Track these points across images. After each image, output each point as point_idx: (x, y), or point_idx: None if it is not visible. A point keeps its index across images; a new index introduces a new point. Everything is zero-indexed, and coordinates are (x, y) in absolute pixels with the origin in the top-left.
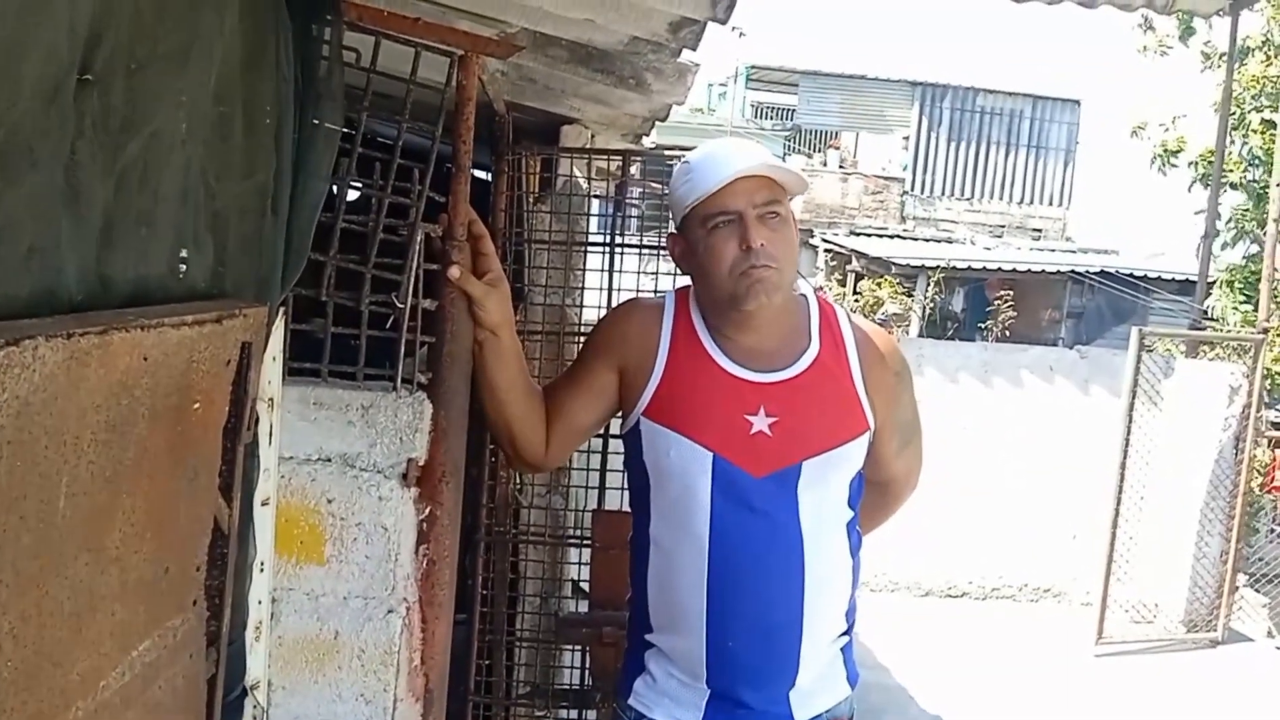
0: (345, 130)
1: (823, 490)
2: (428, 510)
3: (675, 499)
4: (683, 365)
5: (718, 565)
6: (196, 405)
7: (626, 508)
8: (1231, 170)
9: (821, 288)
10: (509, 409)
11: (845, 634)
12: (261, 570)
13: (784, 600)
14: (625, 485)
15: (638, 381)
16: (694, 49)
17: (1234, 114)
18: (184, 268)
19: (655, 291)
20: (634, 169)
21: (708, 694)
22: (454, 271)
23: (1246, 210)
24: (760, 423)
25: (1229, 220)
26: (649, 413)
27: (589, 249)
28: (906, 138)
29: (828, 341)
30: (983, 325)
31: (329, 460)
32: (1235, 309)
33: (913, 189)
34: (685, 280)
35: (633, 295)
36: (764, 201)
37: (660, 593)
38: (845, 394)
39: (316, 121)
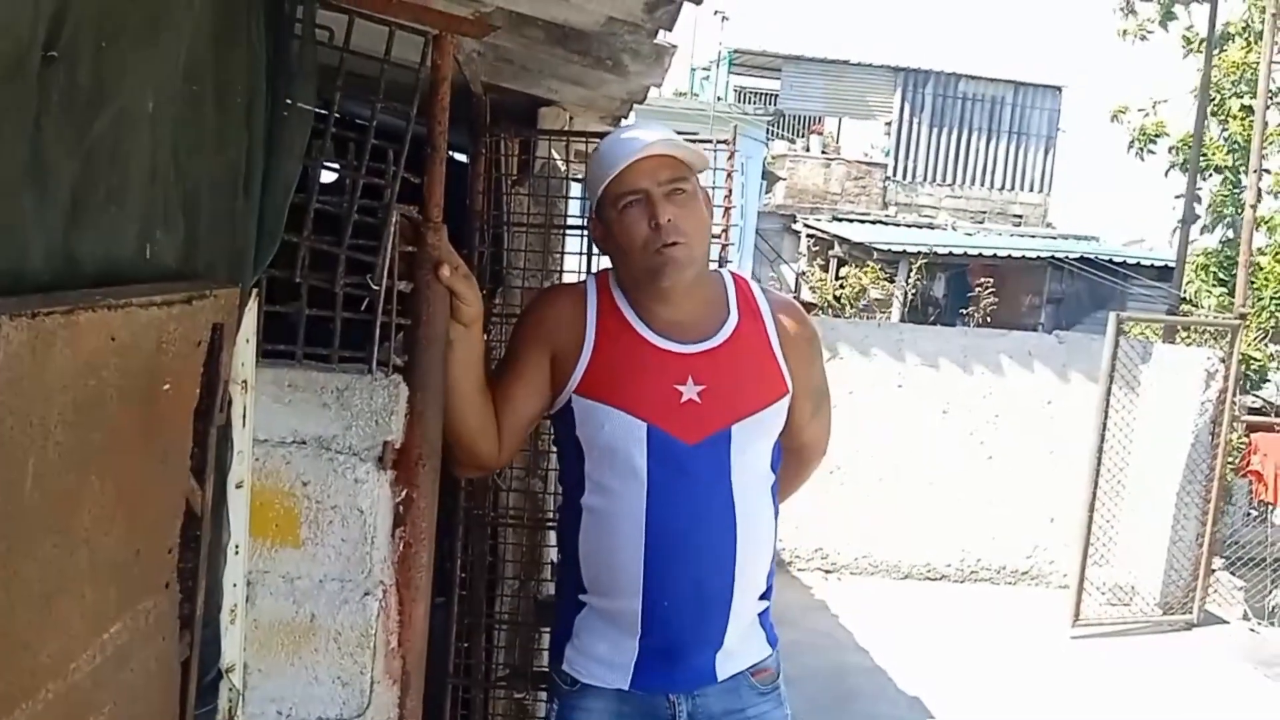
0: (319, 110)
1: (751, 453)
2: (404, 493)
3: (612, 470)
4: (611, 342)
5: (656, 530)
6: (166, 387)
7: None
8: (1211, 156)
9: (804, 272)
10: (466, 417)
11: (764, 597)
12: (236, 553)
13: (718, 560)
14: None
15: (568, 362)
16: (669, 29)
17: (1214, 100)
18: (154, 248)
19: None
20: None
21: (636, 654)
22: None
23: (1225, 196)
24: (689, 391)
25: (1208, 206)
26: (581, 389)
27: (568, 232)
28: (889, 123)
29: (745, 312)
30: (965, 311)
31: (304, 443)
32: (1209, 292)
33: (895, 175)
34: (603, 263)
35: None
36: (668, 179)
37: (595, 557)
38: (765, 359)
39: (289, 100)
